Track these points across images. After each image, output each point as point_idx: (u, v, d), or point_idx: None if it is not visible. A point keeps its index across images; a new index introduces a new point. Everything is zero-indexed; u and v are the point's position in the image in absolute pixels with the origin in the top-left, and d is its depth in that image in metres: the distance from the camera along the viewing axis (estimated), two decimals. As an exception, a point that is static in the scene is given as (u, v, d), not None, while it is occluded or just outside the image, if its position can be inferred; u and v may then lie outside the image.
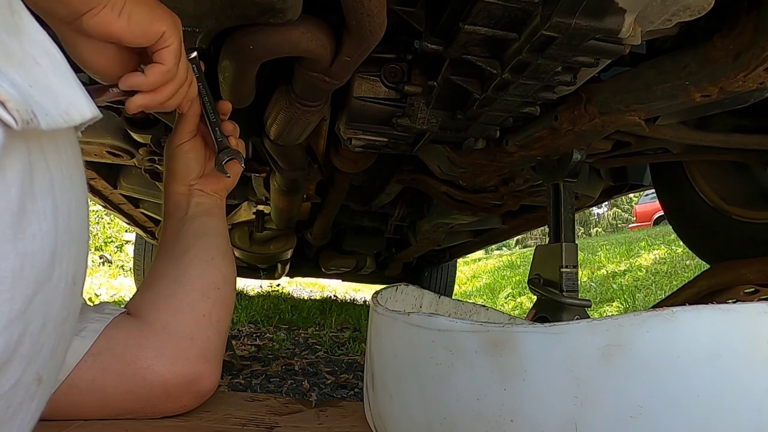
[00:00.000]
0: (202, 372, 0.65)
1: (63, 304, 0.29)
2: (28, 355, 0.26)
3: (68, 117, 0.26)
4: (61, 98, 0.26)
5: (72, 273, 0.29)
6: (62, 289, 0.28)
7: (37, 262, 0.26)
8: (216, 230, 0.74)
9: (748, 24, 0.56)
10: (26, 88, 0.23)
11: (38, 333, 0.26)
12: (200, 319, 0.66)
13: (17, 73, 0.24)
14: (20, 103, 0.22)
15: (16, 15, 0.25)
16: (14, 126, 0.22)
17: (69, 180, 0.28)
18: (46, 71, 0.26)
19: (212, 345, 0.67)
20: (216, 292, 0.69)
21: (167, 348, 0.63)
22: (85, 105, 0.27)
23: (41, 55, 0.26)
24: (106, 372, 0.59)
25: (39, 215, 0.25)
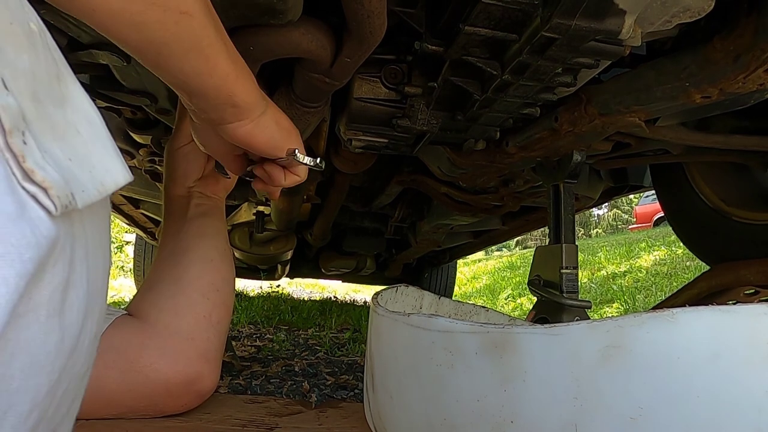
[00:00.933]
0: (203, 372, 0.66)
1: (85, 361, 0.29)
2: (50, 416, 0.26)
3: (103, 188, 0.26)
4: (98, 168, 0.26)
5: (96, 330, 0.29)
6: (86, 347, 0.28)
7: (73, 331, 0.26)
8: (215, 232, 0.75)
9: (748, 25, 0.56)
10: (66, 164, 0.24)
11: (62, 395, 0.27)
12: (201, 320, 0.67)
13: (59, 147, 0.24)
14: (61, 188, 0.23)
15: (62, 84, 0.26)
16: (54, 212, 0.22)
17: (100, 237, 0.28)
18: (86, 141, 0.26)
19: (212, 346, 0.68)
20: (216, 293, 0.70)
21: (169, 348, 0.64)
22: (119, 172, 0.28)
23: (83, 124, 0.26)
24: (110, 370, 0.59)
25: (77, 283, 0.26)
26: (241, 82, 0.49)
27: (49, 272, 0.23)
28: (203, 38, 0.43)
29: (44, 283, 0.23)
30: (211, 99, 0.49)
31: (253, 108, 0.52)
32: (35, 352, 0.23)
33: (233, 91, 0.49)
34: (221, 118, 0.52)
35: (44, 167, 0.22)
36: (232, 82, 0.48)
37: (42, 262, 0.22)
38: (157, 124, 1.08)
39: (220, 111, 0.51)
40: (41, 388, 0.24)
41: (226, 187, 0.80)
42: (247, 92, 0.51)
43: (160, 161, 1.30)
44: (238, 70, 0.49)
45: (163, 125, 1.06)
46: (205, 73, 0.46)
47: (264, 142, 0.55)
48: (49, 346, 0.24)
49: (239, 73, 0.49)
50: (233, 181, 0.80)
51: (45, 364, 0.24)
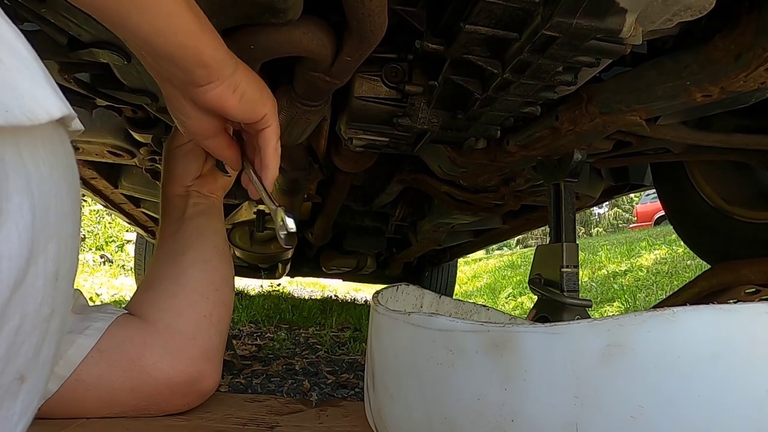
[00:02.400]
0: (205, 371, 0.66)
1: (44, 301, 0.28)
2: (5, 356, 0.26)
3: (33, 116, 0.25)
4: (27, 97, 0.25)
5: (53, 270, 0.29)
6: (41, 287, 0.28)
7: (13, 262, 0.25)
8: (213, 231, 0.75)
9: (749, 24, 0.56)
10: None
11: (15, 333, 0.26)
12: (201, 319, 0.67)
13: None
14: None
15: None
16: None
17: (49, 176, 0.28)
18: (10, 69, 0.25)
19: (214, 345, 0.68)
20: (215, 293, 0.70)
21: (171, 347, 0.64)
22: (53, 104, 0.27)
23: (5, 53, 0.26)
24: (113, 368, 0.60)
25: (14, 214, 0.25)
26: (207, 38, 0.47)
27: None
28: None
29: None
30: (179, 59, 0.46)
31: (223, 66, 0.50)
32: None
33: (200, 49, 0.47)
34: (191, 81, 0.49)
35: None
36: (197, 38, 0.46)
37: None
38: (158, 123, 1.08)
39: (189, 71, 0.48)
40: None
41: (225, 186, 0.80)
42: (215, 49, 0.48)
43: (160, 160, 1.30)
44: (203, 26, 0.46)
45: (163, 124, 1.06)
46: (168, 31, 0.43)
47: (237, 104, 0.53)
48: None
49: (204, 29, 0.47)
50: (231, 180, 0.80)
51: None
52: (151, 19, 0.42)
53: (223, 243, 0.75)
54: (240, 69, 0.53)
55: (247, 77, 0.53)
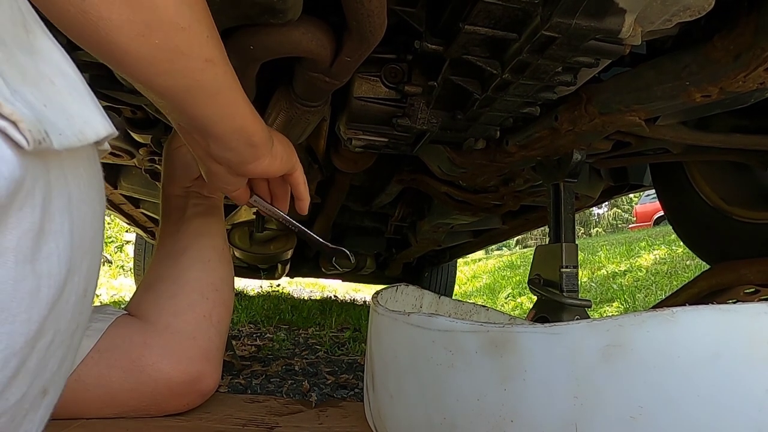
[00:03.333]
0: (205, 371, 0.66)
1: (73, 317, 0.29)
2: (35, 370, 0.26)
3: (82, 136, 0.26)
4: (76, 117, 0.26)
5: (84, 286, 0.29)
6: (73, 303, 0.28)
7: (53, 281, 0.26)
8: (213, 231, 0.75)
9: (748, 24, 0.56)
10: (40, 108, 0.23)
11: (46, 348, 0.26)
12: (201, 320, 0.68)
13: (31, 92, 0.23)
14: (33, 123, 0.22)
15: (31, 35, 0.25)
16: (26, 146, 0.22)
17: (87, 195, 0.28)
18: (61, 91, 0.26)
19: (213, 345, 0.68)
20: (215, 293, 0.70)
21: (171, 347, 0.64)
22: (99, 123, 0.27)
23: (56, 75, 0.26)
24: (113, 368, 0.60)
25: (56, 234, 0.26)
26: (256, 121, 0.52)
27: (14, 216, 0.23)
28: (225, 83, 0.45)
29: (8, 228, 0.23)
30: (233, 141, 0.51)
31: (266, 143, 0.55)
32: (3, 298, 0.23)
33: (253, 131, 0.52)
34: (242, 161, 0.54)
35: (13, 102, 0.22)
36: (250, 122, 0.51)
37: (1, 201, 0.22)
38: (157, 124, 1.08)
39: (240, 152, 0.53)
40: (17, 336, 0.24)
41: None
42: (262, 129, 0.53)
43: (160, 160, 1.29)
44: (253, 111, 0.51)
45: (162, 124, 1.06)
46: (228, 116, 0.48)
47: (279, 167, 0.60)
48: (21, 293, 0.24)
49: (254, 112, 0.51)
50: None
51: (18, 312, 0.24)
52: (216, 106, 0.46)
53: (223, 243, 0.75)
54: (275, 138, 0.59)
55: (280, 143, 0.60)
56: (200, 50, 0.41)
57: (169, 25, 0.38)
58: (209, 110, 0.46)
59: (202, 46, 0.41)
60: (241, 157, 0.54)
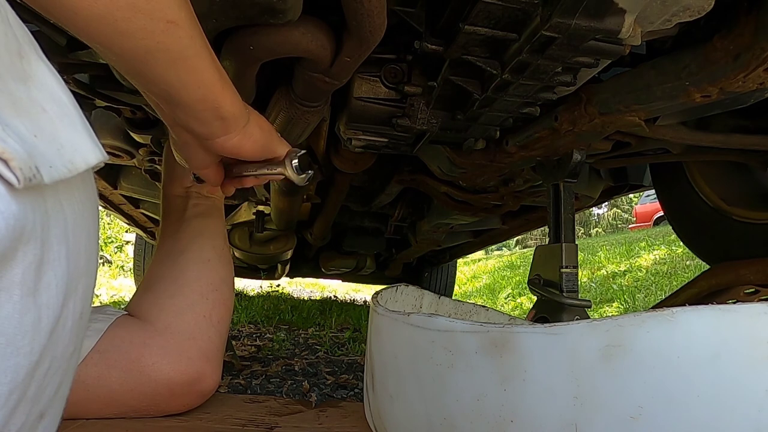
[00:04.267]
0: (205, 371, 0.66)
1: (69, 341, 0.29)
2: (34, 397, 0.26)
3: (72, 166, 0.26)
4: (67, 146, 0.26)
5: (80, 309, 0.29)
6: (69, 328, 0.28)
7: (52, 311, 0.26)
8: (213, 231, 0.75)
9: (748, 24, 0.56)
10: (31, 140, 0.23)
11: (44, 376, 0.26)
12: (201, 320, 0.68)
13: (22, 123, 0.23)
14: (24, 161, 0.22)
15: (24, 60, 0.25)
16: (16, 185, 0.22)
17: (82, 218, 0.28)
18: (53, 118, 0.25)
19: (214, 345, 0.68)
20: (214, 293, 0.70)
21: (171, 347, 0.64)
22: (90, 151, 0.27)
23: (48, 102, 0.26)
24: (112, 369, 0.60)
25: (54, 262, 0.26)
26: (226, 93, 0.48)
27: (20, 251, 0.23)
28: (190, 48, 0.42)
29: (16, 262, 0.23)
30: (198, 111, 0.48)
31: (238, 118, 0.52)
32: (10, 333, 0.23)
33: (220, 103, 0.48)
34: (210, 133, 0.51)
35: (4, 139, 0.22)
36: (218, 93, 0.47)
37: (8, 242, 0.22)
38: (157, 124, 1.08)
39: (208, 125, 0.50)
40: (20, 369, 0.24)
41: None
42: (233, 103, 0.50)
43: (159, 161, 1.29)
44: (223, 81, 0.48)
45: (162, 125, 1.06)
46: (192, 84, 0.45)
47: (252, 149, 0.56)
48: (26, 326, 0.24)
49: (224, 84, 0.48)
50: None
51: (22, 345, 0.24)
52: (178, 72, 0.43)
53: (223, 243, 0.75)
54: (252, 118, 0.55)
55: (258, 123, 0.56)
56: (162, 9, 0.38)
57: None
58: (171, 76, 0.43)
59: (164, 6, 0.38)
60: (208, 130, 0.51)
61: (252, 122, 0.55)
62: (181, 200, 0.75)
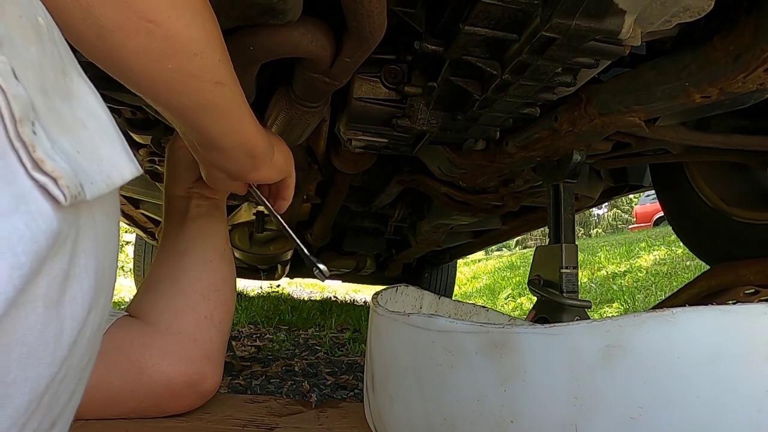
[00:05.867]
0: (206, 372, 0.66)
1: (86, 352, 0.29)
2: (48, 406, 0.26)
3: (110, 181, 0.26)
4: (105, 162, 0.26)
5: (98, 321, 0.29)
6: (87, 339, 0.28)
7: (75, 323, 0.26)
8: (215, 232, 0.75)
9: (748, 25, 0.56)
10: (75, 156, 0.24)
11: (59, 384, 0.27)
12: (202, 320, 0.67)
13: (67, 140, 0.24)
14: (71, 179, 0.23)
15: (68, 78, 0.26)
16: (63, 202, 0.22)
17: (110, 231, 0.29)
18: (93, 135, 0.26)
19: (214, 346, 0.68)
20: (216, 293, 0.70)
21: (171, 348, 0.64)
22: (126, 166, 0.28)
23: (90, 118, 0.26)
24: (113, 370, 0.60)
25: (81, 276, 0.26)
26: (258, 135, 0.55)
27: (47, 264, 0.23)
28: (233, 102, 0.48)
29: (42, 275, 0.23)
30: (235, 154, 0.54)
31: (266, 155, 0.59)
32: (33, 344, 0.23)
33: (254, 145, 0.55)
34: (241, 170, 0.57)
35: (54, 158, 0.22)
36: (253, 137, 0.54)
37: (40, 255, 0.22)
38: (157, 124, 1.08)
39: (241, 164, 0.56)
40: (41, 380, 0.24)
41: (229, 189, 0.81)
42: (263, 142, 0.56)
43: (159, 161, 1.29)
44: (256, 126, 0.54)
45: (162, 125, 1.06)
46: (232, 132, 0.51)
47: (277, 176, 0.64)
48: (48, 338, 0.24)
49: (257, 128, 0.54)
50: None
51: (44, 355, 0.24)
52: (222, 123, 0.49)
53: (225, 244, 0.76)
54: (276, 148, 0.61)
55: (281, 152, 0.63)
56: (211, 73, 0.44)
57: (183, 52, 0.40)
58: (217, 127, 0.49)
59: (214, 70, 0.44)
60: (241, 168, 0.58)
61: (276, 153, 0.61)
62: (183, 201, 0.75)
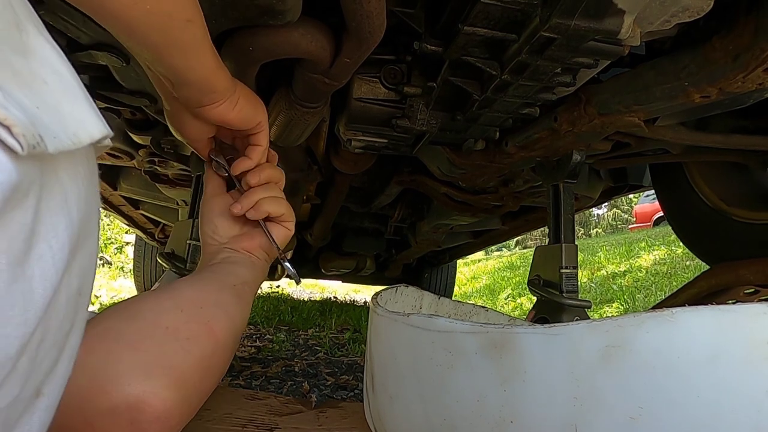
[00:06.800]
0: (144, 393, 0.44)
1: (66, 317, 0.28)
2: (27, 371, 0.26)
3: (77, 139, 0.26)
4: (70, 119, 0.26)
5: (76, 286, 0.29)
6: (64, 303, 0.28)
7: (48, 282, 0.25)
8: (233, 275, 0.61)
9: (747, 25, 0.56)
10: (33, 110, 0.23)
11: (37, 348, 0.26)
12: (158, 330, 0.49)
13: (24, 94, 0.23)
14: (27, 128, 0.22)
15: (24, 33, 0.25)
16: (20, 151, 0.22)
17: (86, 194, 0.28)
18: (54, 91, 0.25)
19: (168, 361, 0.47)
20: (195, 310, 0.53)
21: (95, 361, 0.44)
22: (94, 125, 0.27)
23: (50, 75, 0.26)
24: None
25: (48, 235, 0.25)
26: (220, 71, 0.56)
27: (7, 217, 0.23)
28: (199, 39, 0.50)
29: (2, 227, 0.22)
30: (196, 87, 0.55)
31: (226, 91, 0.58)
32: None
33: (215, 80, 0.56)
34: (199, 101, 0.58)
35: (6, 106, 0.21)
36: (214, 72, 0.55)
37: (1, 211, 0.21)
38: (157, 125, 1.08)
39: (200, 96, 0.57)
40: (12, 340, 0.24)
41: (263, 245, 0.67)
42: (224, 79, 0.57)
43: (159, 162, 1.29)
44: (218, 62, 0.56)
45: (162, 126, 1.06)
46: (197, 67, 0.53)
47: (236, 117, 0.61)
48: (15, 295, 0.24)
49: (219, 64, 0.56)
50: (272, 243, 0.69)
51: (12, 314, 0.24)
52: (188, 58, 0.51)
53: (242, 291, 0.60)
54: (238, 89, 0.61)
55: (244, 95, 0.62)
56: (184, 11, 0.47)
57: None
58: (183, 62, 0.51)
59: (186, 7, 0.47)
60: (200, 99, 0.58)
61: (238, 94, 0.60)
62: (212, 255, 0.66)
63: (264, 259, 0.68)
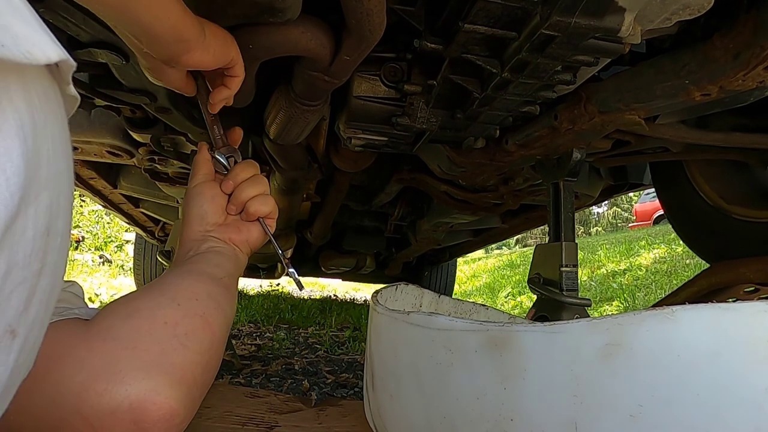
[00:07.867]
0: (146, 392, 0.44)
1: (33, 254, 0.28)
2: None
3: (31, 56, 0.25)
4: (22, 38, 0.25)
5: (44, 223, 0.28)
6: (30, 238, 0.27)
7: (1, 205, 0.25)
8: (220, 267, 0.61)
9: (747, 23, 0.56)
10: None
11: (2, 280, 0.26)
12: (157, 326, 0.49)
13: None
14: None
15: None
16: None
17: (43, 127, 0.28)
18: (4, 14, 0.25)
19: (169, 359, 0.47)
20: (191, 302, 0.53)
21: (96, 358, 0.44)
22: (50, 48, 0.26)
23: None
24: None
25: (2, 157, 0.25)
26: (187, 19, 0.55)
27: None
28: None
29: None
30: (164, 39, 0.54)
31: (197, 37, 0.58)
32: None
33: (183, 29, 0.55)
34: (173, 54, 0.57)
35: None
36: (181, 21, 0.54)
37: None
38: (157, 123, 1.08)
39: (172, 48, 0.56)
40: None
41: (249, 239, 0.68)
42: (192, 25, 0.56)
43: (159, 160, 1.29)
44: (184, 10, 0.55)
45: (162, 123, 1.06)
46: (162, 17, 0.52)
47: (212, 60, 0.61)
48: None
49: (185, 11, 0.55)
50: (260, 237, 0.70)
51: None
52: (153, 10, 0.51)
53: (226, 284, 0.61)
54: (208, 32, 0.60)
55: (214, 35, 0.61)
56: None
57: None
58: (148, 14, 0.51)
59: None
60: (172, 52, 0.57)
61: (209, 36, 0.60)
62: (195, 244, 0.66)
63: (247, 254, 0.70)
